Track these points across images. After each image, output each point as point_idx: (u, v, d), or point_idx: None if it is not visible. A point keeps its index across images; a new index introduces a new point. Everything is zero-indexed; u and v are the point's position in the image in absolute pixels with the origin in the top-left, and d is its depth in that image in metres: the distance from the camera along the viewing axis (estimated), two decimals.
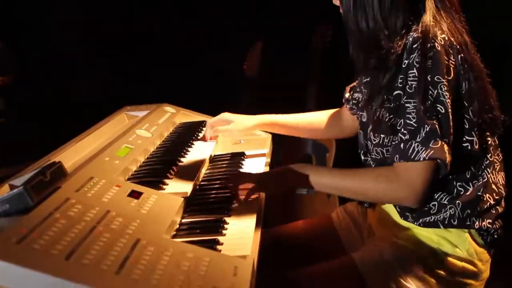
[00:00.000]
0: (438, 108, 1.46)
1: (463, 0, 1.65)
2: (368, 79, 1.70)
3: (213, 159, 2.07)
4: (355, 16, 1.57)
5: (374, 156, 1.69)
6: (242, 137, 2.27)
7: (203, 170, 1.92)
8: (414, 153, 1.45)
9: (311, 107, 3.37)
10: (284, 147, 3.44)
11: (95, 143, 1.92)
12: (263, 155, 2.10)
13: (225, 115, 2.11)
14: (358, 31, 1.58)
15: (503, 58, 3.53)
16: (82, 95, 3.98)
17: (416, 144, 1.45)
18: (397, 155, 1.49)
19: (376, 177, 1.56)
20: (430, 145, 1.44)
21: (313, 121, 2.15)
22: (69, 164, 1.67)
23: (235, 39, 3.90)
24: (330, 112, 2.15)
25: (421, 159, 1.44)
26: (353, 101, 1.93)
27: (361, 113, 1.78)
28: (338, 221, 1.97)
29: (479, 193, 1.59)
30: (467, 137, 1.54)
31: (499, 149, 1.68)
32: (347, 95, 1.97)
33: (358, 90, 1.90)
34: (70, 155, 1.76)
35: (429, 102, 1.46)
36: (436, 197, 1.60)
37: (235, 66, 3.69)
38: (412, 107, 1.48)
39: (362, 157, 1.79)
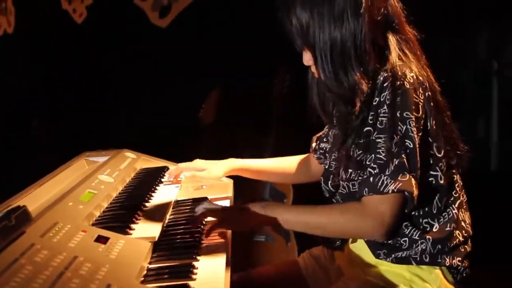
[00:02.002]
0: (407, 143, 1.50)
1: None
2: (341, 124, 1.72)
3: (176, 205, 2.04)
4: (335, 74, 1.59)
5: (340, 191, 1.71)
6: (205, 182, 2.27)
7: (168, 216, 1.89)
8: (383, 186, 1.48)
9: (269, 152, 3.38)
10: (242, 193, 3.42)
11: (56, 188, 1.87)
12: (226, 198, 2.10)
13: (198, 163, 2.14)
14: (340, 86, 1.60)
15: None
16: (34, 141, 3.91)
17: (385, 177, 1.49)
18: (366, 188, 1.52)
19: (344, 211, 1.58)
20: (399, 178, 1.47)
21: (282, 166, 2.17)
22: (31, 209, 1.61)
23: (192, 86, 3.92)
24: (299, 158, 2.17)
25: (390, 191, 1.47)
26: (320, 151, 1.96)
27: (326, 161, 1.80)
28: (305, 266, 1.95)
29: (448, 229, 1.62)
30: (431, 172, 1.57)
31: (463, 190, 1.72)
32: (313, 144, 2.00)
33: (325, 140, 1.93)
34: (32, 200, 1.71)
35: (398, 137, 1.50)
36: (406, 232, 1.61)
37: (191, 113, 3.69)
38: (382, 142, 1.51)
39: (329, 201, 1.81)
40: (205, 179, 2.13)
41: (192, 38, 4.06)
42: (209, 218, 1.78)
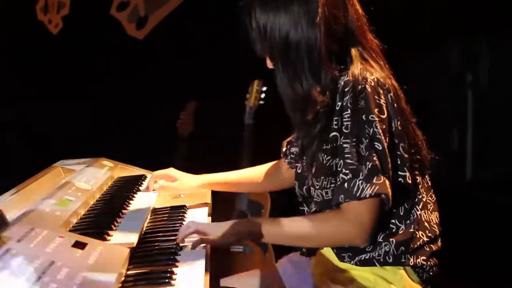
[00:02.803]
0: (376, 145, 1.51)
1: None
2: (301, 132, 1.73)
3: (154, 213, 2.03)
4: (289, 80, 1.62)
5: (315, 199, 1.70)
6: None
7: (145, 223, 1.87)
8: (359, 191, 1.48)
9: (245, 162, 3.38)
10: (219, 205, 3.41)
11: (33, 195, 1.84)
12: (205, 204, 2.09)
13: (171, 171, 2.13)
14: (294, 93, 1.63)
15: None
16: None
17: (360, 182, 1.49)
18: (342, 195, 1.51)
19: (325, 220, 1.58)
20: (374, 181, 1.48)
21: (254, 175, 2.18)
22: (7, 214, 1.59)
23: (169, 96, 3.92)
24: (269, 165, 2.18)
25: (367, 195, 1.47)
26: (291, 155, 1.97)
27: (297, 165, 1.81)
28: (283, 272, 1.96)
29: (411, 230, 1.63)
30: (400, 173, 1.57)
31: (432, 190, 1.74)
32: (284, 149, 2.01)
33: (295, 144, 1.94)
34: (8, 206, 1.67)
35: (367, 140, 1.51)
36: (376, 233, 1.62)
37: (168, 123, 3.69)
38: (351, 147, 1.52)
39: (300, 207, 1.81)
40: (177, 190, 2.14)
41: (169, 49, 4.06)
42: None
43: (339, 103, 1.57)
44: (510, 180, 3.62)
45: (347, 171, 1.51)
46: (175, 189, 2.12)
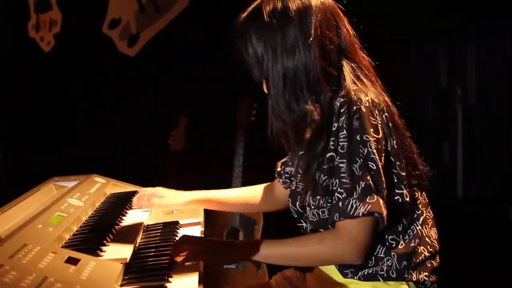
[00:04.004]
0: (370, 165, 1.52)
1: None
2: (303, 152, 1.73)
3: (147, 229, 2.03)
4: (286, 99, 1.63)
5: (310, 219, 1.71)
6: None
7: (138, 239, 1.87)
8: (353, 210, 1.49)
9: (236, 180, 3.38)
10: (212, 220, 3.41)
11: (25, 212, 1.84)
12: (197, 223, 2.08)
13: (158, 190, 2.13)
14: (290, 112, 1.64)
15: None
16: None
17: (354, 200, 1.50)
18: (337, 214, 1.53)
19: (320, 239, 1.58)
20: (367, 200, 1.49)
21: (246, 196, 2.16)
22: None
23: (161, 113, 3.92)
24: (262, 186, 2.16)
25: (360, 214, 1.48)
26: (285, 175, 1.98)
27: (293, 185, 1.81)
28: None
29: (412, 245, 1.64)
30: (397, 191, 1.59)
31: (429, 206, 1.75)
32: (278, 169, 2.01)
33: (290, 164, 1.94)
34: (0, 223, 1.68)
35: (361, 160, 1.52)
36: (372, 250, 1.62)
37: (161, 140, 3.69)
38: (346, 167, 1.53)
39: (298, 224, 1.82)
40: (164, 206, 2.13)
41: (160, 65, 4.07)
42: None
43: (336, 124, 1.59)
44: (500, 192, 3.64)
45: (341, 190, 1.53)
46: (163, 205, 2.11)
